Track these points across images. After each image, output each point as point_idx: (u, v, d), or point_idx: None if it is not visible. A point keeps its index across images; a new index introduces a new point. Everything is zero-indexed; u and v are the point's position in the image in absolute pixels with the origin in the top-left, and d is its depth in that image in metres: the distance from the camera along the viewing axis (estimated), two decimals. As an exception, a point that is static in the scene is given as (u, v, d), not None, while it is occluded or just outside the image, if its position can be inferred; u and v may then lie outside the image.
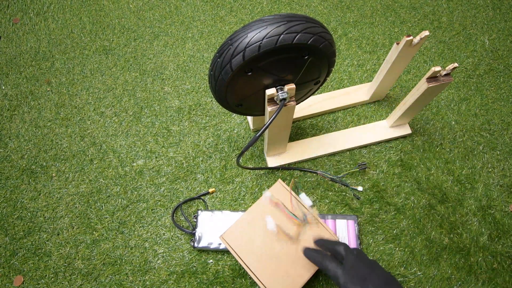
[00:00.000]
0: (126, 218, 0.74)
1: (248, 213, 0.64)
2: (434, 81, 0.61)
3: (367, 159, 0.79)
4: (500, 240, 0.71)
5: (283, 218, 0.64)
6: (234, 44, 0.49)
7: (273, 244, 0.62)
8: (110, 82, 0.90)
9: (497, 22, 0.98)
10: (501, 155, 0.80)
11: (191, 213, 0.74)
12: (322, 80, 0.62)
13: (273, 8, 1.01)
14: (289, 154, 0.78)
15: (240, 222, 0.63)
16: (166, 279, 0.68)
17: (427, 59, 0.92)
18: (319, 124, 0.83)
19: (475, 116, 0.85)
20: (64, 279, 0.68)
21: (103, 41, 0.96)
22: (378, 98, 0.85)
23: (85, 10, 1.02)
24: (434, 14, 1.00)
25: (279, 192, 0.66)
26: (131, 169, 0.78)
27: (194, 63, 0.92)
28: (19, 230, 0.73)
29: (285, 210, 0.64)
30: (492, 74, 0.91)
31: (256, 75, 0.53)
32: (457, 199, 0.75)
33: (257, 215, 0.64)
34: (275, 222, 0.63)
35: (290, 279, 0.59)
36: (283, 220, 0.64)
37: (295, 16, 0.50)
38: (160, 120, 0.84)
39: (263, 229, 0.63)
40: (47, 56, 0.94)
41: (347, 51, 0.93)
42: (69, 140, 0.82)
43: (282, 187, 0.67)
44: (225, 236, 0.62)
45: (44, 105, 0.87)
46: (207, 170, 0.78)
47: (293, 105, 0.57)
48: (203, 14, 1.00)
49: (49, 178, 0.78)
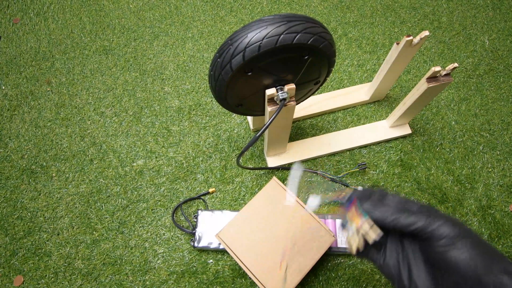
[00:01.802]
0: (126, 218, 0.74)
1: (243, 211, 0.64)
2: (434, 81, 0.61)
3: (367, 159, 0.79)
4: (500, 240, 0.71)
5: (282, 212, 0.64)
6: (234, 44, 0.49)
7: (270, 241, 0.62)
8: (110, 82, 0.90)
9: (497, 22, 0.98)
10: (501, 155, 0.80)
11: (191, 213, 0.74)
12: (322, 80, 0.62)
13: (273, 8, 1.01)
14: (289, 154, 0.78)
15: (235, 220, 0.63)
16: (166, 279, 0.68)
17: (427, 59, 0.92)
18: (319, 124, 0.83)
19: (475, 116, 0.85)
20: (64, 279, 0.69)
21: (103, 41, 0.96)
22: (378, 98, 0.85)
23: (85, 10, 1.02)
24: (434, 14, 1.00)
25: (274, 190, 0.66)
26: (131, 169, 0.79)
27: (194, 63, 0.92)
28: (19, 230, 0.73)
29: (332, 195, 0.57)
30: (492, 74, 0.91)
31: (256, 75, 0.53)
32: (457, 199, 0.75)
33: (253, 213, 0.64)
34: (295, 197, 0.61)
35: (289, 273, 0.59)
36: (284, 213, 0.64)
37: (295, 16, 0.50)
38: (160, 120, 0.84)
39: (259, 226, 0.63)
40: (47, 56, 0.94)
41: (347, 51, 0.93)
42: (69, 140, 0.82)
43: (277, 185, 0.67)
44: (221, 235, 0.62)
45: (44, 105, 0.87)
46: (207, 170, 0.78)
47: (293, 105, 0.57)
48: (203, 14, 1.00)
49: (49, 178, 0.78)
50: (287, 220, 0.64)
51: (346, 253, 0.68)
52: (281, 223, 0.63)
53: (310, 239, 0.62)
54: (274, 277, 0.59)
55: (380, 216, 0.37)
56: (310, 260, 0.61)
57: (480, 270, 0.31)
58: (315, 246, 0.62)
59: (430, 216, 0.34)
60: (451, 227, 0.33)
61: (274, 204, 0.65)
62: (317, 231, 0.63)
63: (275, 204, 0.65)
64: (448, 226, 0.33)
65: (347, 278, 0.68)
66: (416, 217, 0.35)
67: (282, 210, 0.64)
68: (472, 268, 0.31)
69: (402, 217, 0.35)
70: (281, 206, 0.65)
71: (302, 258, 0.61)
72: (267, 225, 0.63)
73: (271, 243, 0.62)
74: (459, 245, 0.32)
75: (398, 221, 0.35)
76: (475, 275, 0.31)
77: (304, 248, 0.62)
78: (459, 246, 0.32)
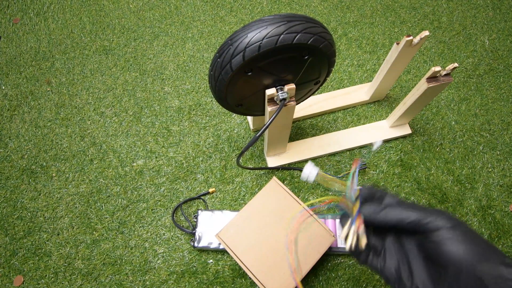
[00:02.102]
0: (126, 218, 0.74)
1: (243, 211, 0.64)
2: (434, 81, 0.61)
3: (367, 159, 0.79)
4: (500, 240, 0.71)
5: (286, 204, 0.64)
6: (234, 44, 0.49)
7: (270, 241, 0.62)
8: (110, 82, 0.90)
9: (497, 22, 0.98)
10: (501, 155, 0.80)
11: (191, 213, 0.74)
12: (322, 80, 0.62)
13: (273, 8, 1.01)
14: (289, 154, 0.78)
15: (235, 220, 0.63)
16: (166, 279, 0.68)
17: (427, 59, 0.92)
18: (319, 124, 0.83)
19: (475, 116, 0.85)
20: (64, 279, 0.68)
21: (103, 41, 0.96)
22: (378, 98, 0.85)
23: (85, 10, 1.02)
24: (434, 14, 1.00)
25: (275, 190, 0.66)
26: (131, 169, 0.79)
27: (194, 63, 0.92)
28: (19, 230, 0.73)
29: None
30: (492, 74, 0.91)
31: (256, 75, 0.53)
32: (457, 199, 0.75)
33: (253, 213, 0.64)
34: (318, 169, 0.56)
35: (288, 275, 0.59)
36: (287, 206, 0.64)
37: (295, 16, 0.50)
38: (160, 120, 0.84)
39: (259, 226, 0.63)
40: (47, 56, 0.94)
41: (347, 51, 0.93)
42: (69, 140, 0.82)
43: (278, 185, 0.66)
44: (221, 235, 0.62)
45: (44, 105, 0.87)
46: (207, 170, 0.78)
47: (293, 105, 0.57)
48: (203, 14, 1.00)
49: (49, 178, 0.78)
50: (287, 220, 0.64)
51: (346, 253, 0.68)
52: (281, 223, 0.63)
53: (310, 239, 0.62)
54: (274, 277, 0.59)
55: (375, 213, 0.37)
56: (310, 260, 0.61)
57: (476, 259, 0.31)
58: (315, 246, 0.62)
59: (426, 210, 0.35)
60: (446, 219, 0.33)
61: (274, 204, 0.65)
62: (317, 231, 0.63)
63: (275, 204, 0.65)
64: (443, 219, 0.33)
65: (347, 278, 0.68)
66: (412, 211, 0.35)
67: (282, 210, 0.64)
68: (468, 258, 0.31)
69: (399, 211, 0.36)
70: (281, 206, 0.65)
71: (302, 258, 0.60)
72: (267, 225, 0.63)
73: (271, 243, 0.62)
74: (455, 236, 0.32)
75: (395, 216, 0.36)
76: (471, 265, 0.31)
77: (304, 248, 0.62)
78: (455, 236, 0.32)
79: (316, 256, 0.61)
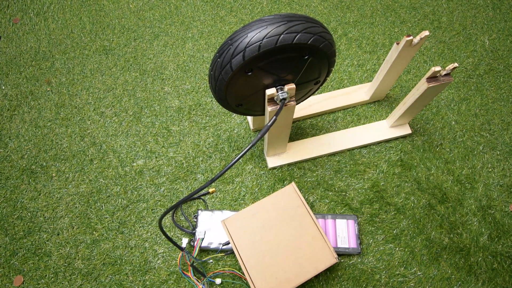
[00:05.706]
0: (126, 218, 0.74)
1: (253, 206, 0.64)
2: (434, 81, 0.61)
3: (367, 159, 0.79)
4: (500, 240, 0.71)
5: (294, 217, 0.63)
6: (234, 44, 0.49)
7: (271, 243, 0.62)
8: (110, 82, 0.90)
9: (497, 22, 0.98)
10: (501, 155, 0.80)
11: (191, 213, 0.74)
12: (322, 80, 0.62)
13: (273, 8, 1.01)
14: (289, 154, 0.78)
15: (244, 213, 0.63)
16: (166, 279, 0.68)
17: (427, 59, 0.92)
18: (319, 124, 0.83)
19: (475, 116, 0.85)
20: (64, 279, 0.68)
21: (103, 41, 0.96)
22: (378, 98, 0.85)
23: (85, 10, 1.02)
24: (434, 14, 1.00)
25: (290, 196, 0.65)
26: (131, 169, 0.79)
27: (194, 63, 0.92)
28: (19, 230, 0.73)
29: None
30: (492, 74, 0.91)
31: (256, 75, 0.53)
32: (457, 199, 0.75)
33: (262, 211, 0.64)
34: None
35: (281, 280, 0.59)
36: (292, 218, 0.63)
37: (295, 16, 0.50)
38: (160, 120, 0.84)
39: (265, 225, 0.63)
40: (47, 56, 0.94)
41: (347, 51, 0.93)
42: (69, 140, 0.82)
43: (294, 192, 0.65)
44: (227, 222, 0.62)
45: (44, 105, 0.87)
46: (207, 170, 0.78)
47: (293, 105, 0.57)
48: (203, 14, 1.00)
49: (49, 178, 0.78)
50: (294, 229, 0.63)
51: (346, 253, 0.68)
52: (287, 229, 0.63)
53: (311, 254, 0.61)
54: (266, 277, 0.59)
55: None
56: (305, 274, 0.60)
57: None
58: (314, 262, 0.61)
59: None
60: None
61: (286, 209, 0.64)
62: (321, 248, 0.62)
63: (287, 210, 0.64)
64: None
65: (347, 278, 0.68)
66: None
67: (291, 217, 0.64)
68: None
69: None
70: (292, 213, 0.64)
71: (298, 270, 0.60)
72: (273, 227, 0.63)
73: (272, 245, 0.62)
74: None
75: None
76: None
77: (302, 260, 0.61)
78: None
79: (312, 272, 0.60)
